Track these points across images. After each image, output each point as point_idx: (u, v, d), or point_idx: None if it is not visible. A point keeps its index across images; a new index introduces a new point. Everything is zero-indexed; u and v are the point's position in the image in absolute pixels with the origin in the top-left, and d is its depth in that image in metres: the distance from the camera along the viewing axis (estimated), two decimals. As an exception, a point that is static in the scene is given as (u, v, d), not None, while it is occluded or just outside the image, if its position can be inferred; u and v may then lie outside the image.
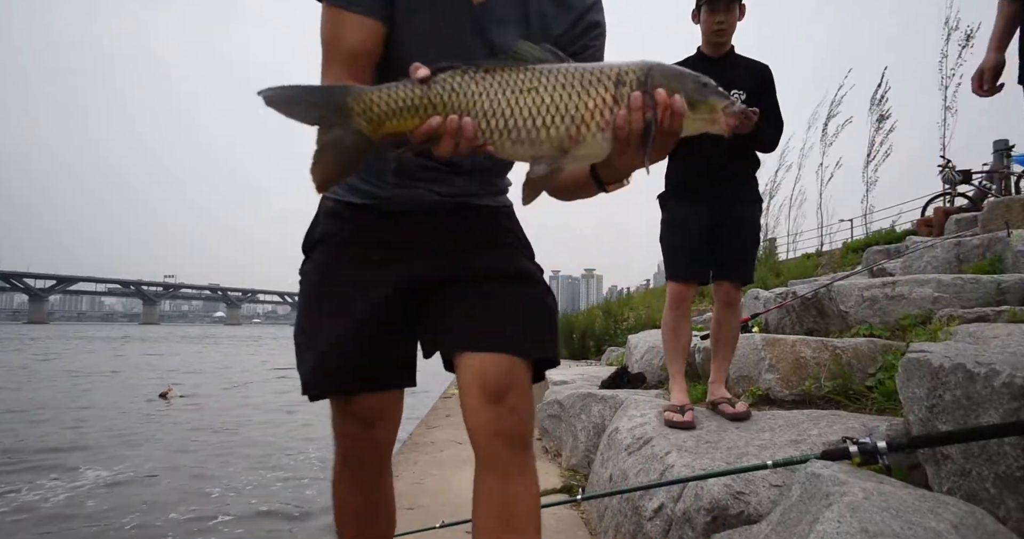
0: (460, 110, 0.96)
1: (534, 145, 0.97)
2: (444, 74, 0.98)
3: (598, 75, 0.98)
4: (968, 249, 5.01)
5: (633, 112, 0.95)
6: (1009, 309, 3.10)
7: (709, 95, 0.99)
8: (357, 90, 0.97)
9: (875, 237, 10.82)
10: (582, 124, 0.97)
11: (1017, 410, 1.51)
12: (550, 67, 0.98)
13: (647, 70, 0.99)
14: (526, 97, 0.96)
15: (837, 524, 1.34)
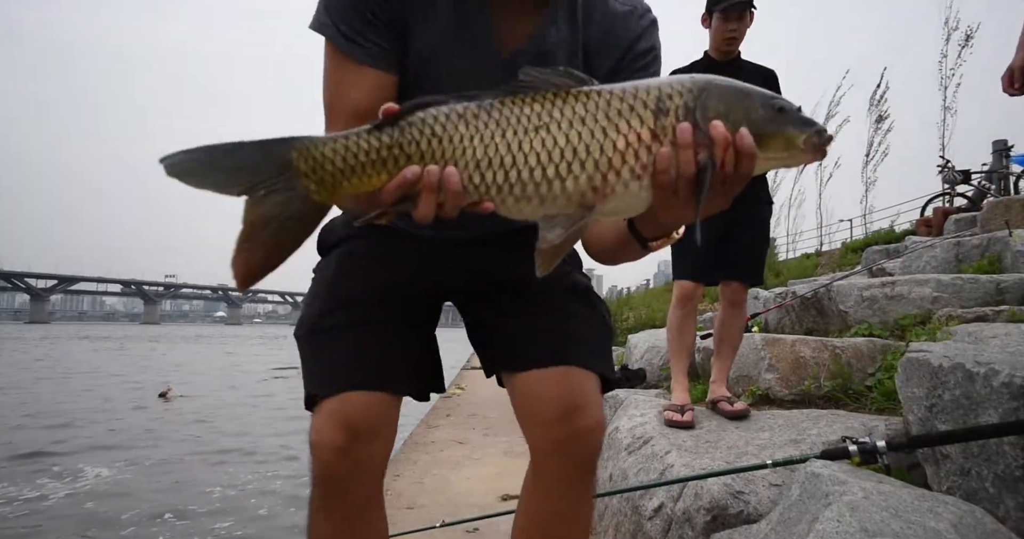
0: (443, 159, 0.76)
1: (545, 201, 0.76)
2: (421, 112, 0.77)
3: (630, 102, 0.76)
4: (967, 249, 5.01)
5: (681, 152, 0.73)
6: (1008, 309, 3.11)
7: (786, 124, 0.76)
8: (304, 142, 0.77)
9: (874, 237, 10.84)
10: (610, 171, 0.75)
11: (1016, 410, 1.52)
12: (565, 95, 0.77)
13: (698, 92, 0.76)
14: (533, 138, 0.75)
15: (837, 524, 1.34)
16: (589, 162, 0.75)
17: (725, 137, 0.73)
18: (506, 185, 0.76)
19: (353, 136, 0.77)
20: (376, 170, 0.77)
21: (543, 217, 0.77)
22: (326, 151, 0.77)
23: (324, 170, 0.77)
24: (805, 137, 0.76)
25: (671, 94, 0.77)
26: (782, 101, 0.78)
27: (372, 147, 0.77)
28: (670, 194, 0.76)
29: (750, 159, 0.74)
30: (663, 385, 4.16)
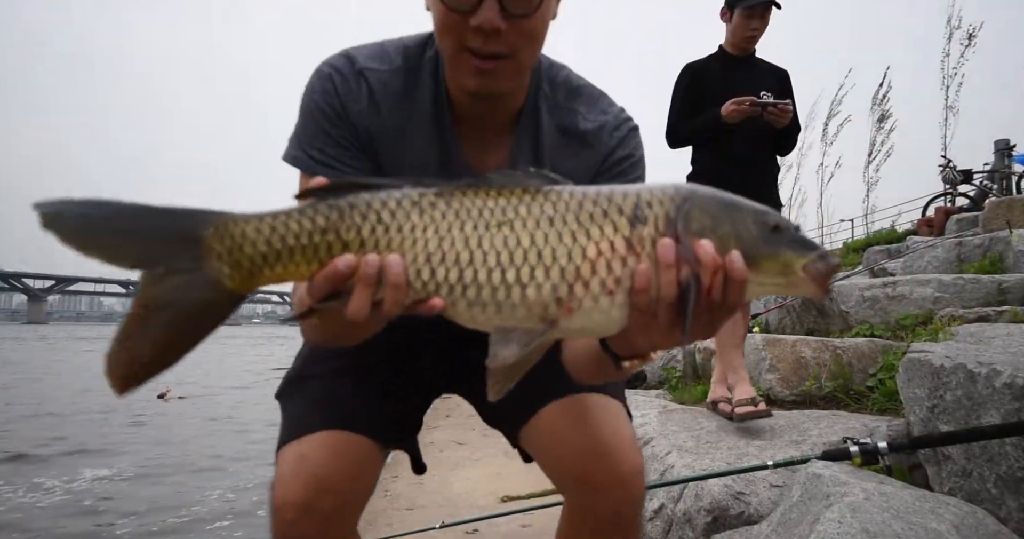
0: (388, 250, 0.66)
1: (503, 310, 0.66)
2: (368, 194, 0.68)
3: (604, 206, 0.68)
4: (969, 249, 5.00)
5: (662, 271, 0.65)
6: (1010, 309, 3.10)
7: (782, 246, 0.67)
8: (223, 217, 0.66)
9: (876, 237, 10.82)
10: (577, 282, 0.66)
11: (1018, 410, 1.51)
12: (534, 192, 0.69)
13: (681, 201, 0.68)
14: (494, 234, 0.67)
15: (838, 524, 1.33)
16: (555, 268, 0.66)
17: (714, 260, 0.65)
18: (459, 285, 0.66)
19: (283, 215, 0.66)
20: (305, 258, 0.66)
21: (498, 329, 0.67)
22: (248, 230, 0.65)
23: (243, 253, 0.65)
24: (805, 263, 0.67)
25: (650, 201, 0.68)
26: (776, 217, 0.69)
27: (304, 230, 0.66)
28: (648, 317, 0.67)
29: (741, 286, 0.66)
30: (663, 385, 4.15)
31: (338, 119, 0.95)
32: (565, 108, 1.04)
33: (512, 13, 0.85)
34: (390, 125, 0.97)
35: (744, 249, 0.67)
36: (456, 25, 0.86)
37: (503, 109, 1.00)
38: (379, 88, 0.97)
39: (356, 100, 0.96)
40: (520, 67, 0.92)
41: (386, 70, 0.98)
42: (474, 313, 0.67)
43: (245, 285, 0.67)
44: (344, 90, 0.96)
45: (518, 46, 0.88)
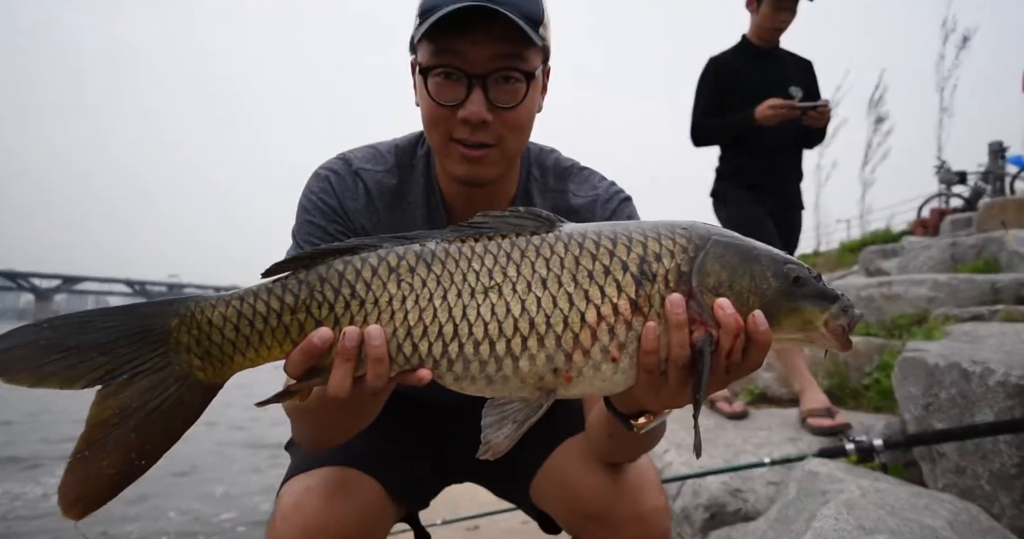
0: (363, 323, 0.61)
1: (494, 383, 0.61)
2: (340, 263, 0.63)
3: (605, 261, 0.61)
4: (963, 249, 5.04)
5: (673, 332, 0.60)
6: (1004, 308, 3.12)
7: (804, 299, 0.62)
8: (187, 304, 0.63)
9: (871, 237, 10.86)
10: (576, 350, 0.60)
11: (1011, 408, 1.53)
12: (524, 246, 0.62)
13: (695, 250, 0.62)
14: (480, 302, 0.60)
15: (834, 521, 1.35)
16: (550, 337, 0.60)
17: (736, 322, 0.59)
18: (444, 360, 0.61)
19: (250, 296, 0.62)
20: (277, 339, 0.62)
21: (491, 405, 0.62)
22: (214, 317, 0.61)
23: (212, 341, 0.61)
24: (827, 317, 0.62)
25: (659, 253, 0.61)
26: (797, 268, 0.63)
27: (272, 311, 0.62)
28: (657, 378, 0.62)
29: (764, 348, 0.60)
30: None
31: (335, 214, 0.98)
32: (556, 190, 1.06)
33: (497, 106, 0.89)
34: (386, 223, 1.00)
35: (764, 305, 0.61)
36: (445, 118, 0.90)
37: (496, 198, 1.02)
38: (375, 187, 1.00)
39: (354, 198, 0.99)
40: (507, 155, 0.94)
41: (381, 170, 1.02)
42: (463, 385, 0.62)
43: (218, 375, 0.63)
44: (341, 188, 0.99)
45: (504, 136, 0.91)
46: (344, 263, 0.63)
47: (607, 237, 0.63)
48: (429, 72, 0.89)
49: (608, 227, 0.66)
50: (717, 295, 0.61)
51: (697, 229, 0.65)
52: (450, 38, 0.87)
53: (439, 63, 0.88)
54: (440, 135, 0.92)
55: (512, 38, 0.87)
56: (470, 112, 0.87)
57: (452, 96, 0.88)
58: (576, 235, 0.64)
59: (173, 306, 0.63)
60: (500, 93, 0.89)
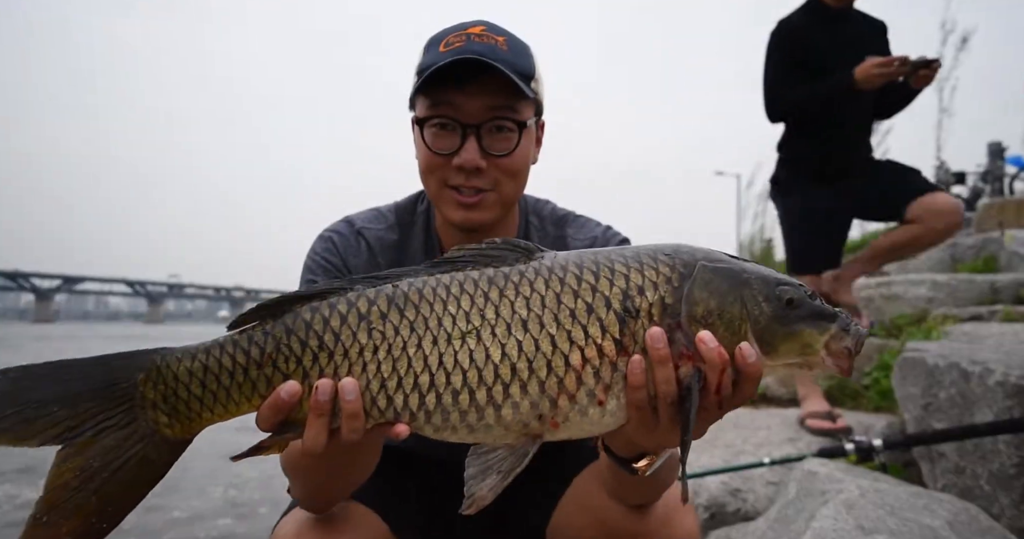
0: (333, 375, 0.58)
1: (476, 432, 0.58)
2: (308, 311, 0.60)
3: (588, 299, 0.58)
4: (962, 249, 5.04)
5: (657, 368, 0.57)
6: (1003, 308, 3.13)
7: (800, 322, 0.58)
8: (153, 359, 0.60)
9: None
10: (561, 395, 0.57)
11: (1011, 408, 1.53)
12: (503, 283, 0.59)
13: (679, 280, 0.59)
14: (457, 348, 0.57)
15: (833, 521, 1.35)
16: (533, 383, 0.57)
17: (719, 356, 0.56)
18: (421, 412, 0.57)
19: (215, 349, 0.60)
20: (245, 394, 0.59)
21: (474, 453, 0.58)
22: (180, 372, 0.59)
23: (178, 397, 0.59)
24: (827, 338, 0.58)
25: (641, 286, 0.58)
26: (790, 289, 0.59)
27: (238, 365, 0.59)
28: (648, 415, 0.59)
29: (755, 382, 0.58)
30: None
31: (337, 272, 1.01)
32: (555, 236, 1.09)
33: (491, 153, 0.93)
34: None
35: (757, 332, 0.57)
36: (440, 166, 0.94)
37: None
38: (376, 243, 1.04)
39: (356, 254, 1.03)
40: (502, 200, 0.97)
41: (382, 228, 1.06)
42: (443, 435, 0.59)
43: (186, 431, 0.61)
44: (344, 246, 1.03)
45: (499, 181, 0.95)
46: (311, 311, 0.60)
47: (589, 270, 0.60)
48: (425, 123, 0.94)
49: (590, 257, 0.62)
50: (706, 325, 0.57)
51: (681, 255, 0.61)
52: (445, 91, 0.92)
53: (435, 114, 0.93)
54: (436, 182, 0.96)
55: (505, 91, 0.92)
56: (464, 160, 0.91)
57: (447, 145, 0.93)
58: (557, 268, 0.60)
59: (139, 359, 0.60)
60: (494, 141, 0.93)
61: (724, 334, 0.57)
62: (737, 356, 0.57)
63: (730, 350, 0.57)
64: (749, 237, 12.40)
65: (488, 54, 0.90)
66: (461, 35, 0.93)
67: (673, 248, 0.62)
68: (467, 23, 0.96)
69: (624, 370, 0.57)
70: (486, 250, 0.62)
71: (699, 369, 0.57)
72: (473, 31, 0.94)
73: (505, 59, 0.91)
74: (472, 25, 0.96)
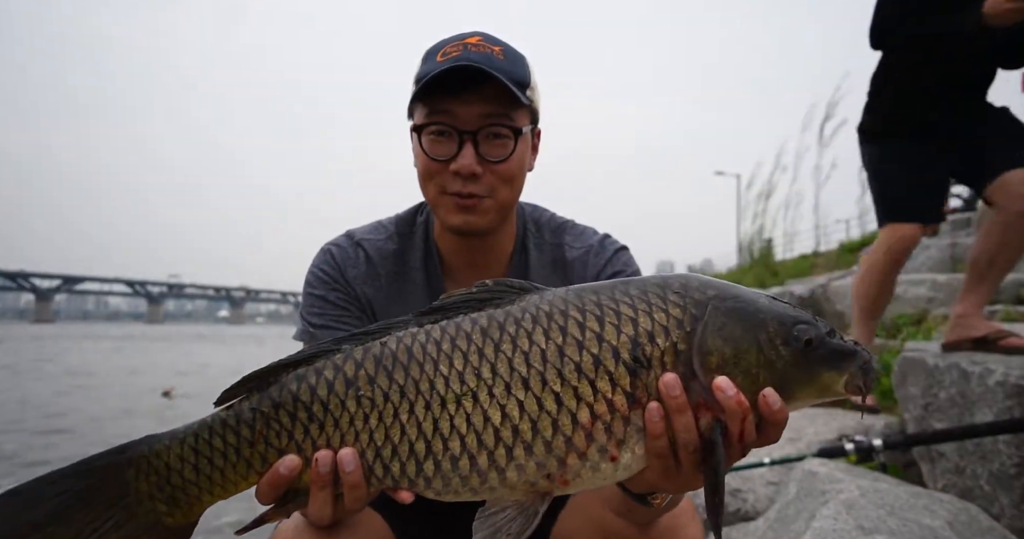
0: (326, 446, 0.57)
1: (480, 494, 0.57)
2: (294, 382, 0.58)
3: (594, 350, 0.54)
4: (962, 249, 5.04)
5: (674, 418, 0.54)
6: (1003, 309, 3.13)
7: (819, 366, 0.56)
8: (141, 450, 0.59)
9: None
10: (570, 453, 0.54)
11: (1011, 408, 1.53)
12: (497, 337, 0.55)
13: (691, 323, 0.55)
14: (453, 412, 0.54)
15: (833, 521, 1.36)
16: (539, 444, 0.53)
17: (739, 405, 0.53)
18: (421, 479, 0.55)
19: (204, 431, 0.59)
20: (240, 473, 0.58)
21: (481, 516, 0.56)
22: (171, 460, 0.58)
23: (173, 486, 0.58)
24: (845, 380, 0.56)
25: (652, 332, 0.54)
26: (808, 328, 0.56)
27: (229, 445, 0.58)
28: (670, 463, 0.56)
29: (781, 426, 0.55)
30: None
31: (336, 284, 1.02)
32: (552, 243, 1.10)
33: (487, 160, 0.94)
34: (386, 287, 1.04)
35: (775, 380, 0.54)
36: (438, 171, 0.95)
37: (494, 253, 1.07)
38: (375, 254, 1.06)
39: (354, 265, 1.04)
40: (499, 205, 0.98)
41: (382, 238, 1.08)
42: (446, 498, 0.57)
43: (188, 515, 0.60)
44: (342, 257, 1.04)
45: (495, 186, 0.96)
46: (298, 381, 0.58)
47: (592, 315, 0.55)
48: (423, 130, 0.96)
49: (591, 298, 0.57)
50: (720, 374, 0.54)
51: (691, 292, 0.57)
52: (442, 99, 0.94)
53: (432, 121, 0.95)
54: (434, 188, 0.97)
55: (501, 98, 0.94)
56: (461, 165, 0.93)
57: (445, 151, 0.95)
58: (556, 315, 0.56)
59: (126, 454, 0.59)
60: (490, 148, 0.95)
61: (742, 382, 0.54)
62: (762, 404, 0.55)
63: (748, 395, 0.54)
64: (749, 237, 12.38)
65: (484, 62, 0.92)
66: (458, 45, 0.95)
67: (681, 284, 0.58)
68: (464, 34, 0.98)
69: (638, 423, 0.55)
70: (477, 294, 0.59)
71: (719, 419, 0.54)
72: (470, 41, 0.96)
73: (501, 67, 0.93)
74: (469, 36, 0.98)
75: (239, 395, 0.61)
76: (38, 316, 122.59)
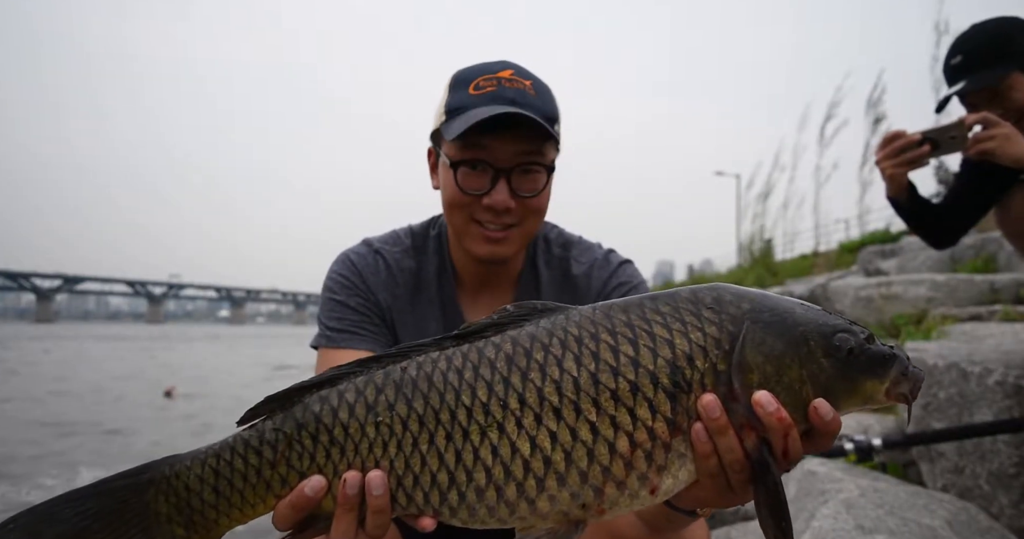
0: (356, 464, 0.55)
1: (509, 523, 0.55)
2: (317, 403, 0.57)
3: (630, 376, 0.52)
4: (962, 249, 5.04)
5: (718, 439, 0.53)
6: (1002, 308, 3.13)
7: (861, 373, 0.54)
8: (162, 471, 0.58)
9: (871, 237, 10.88)
10: (608, 483, 0.52)
11: (1010, 408, 1.54)
12: (524, 365, 0.53)
13: (730, 343, 0.53)
14: (478, 443, 0.52)
15: (833, 521, 1.36)
16: (573, 475, 0.51)
17: (780, 421, 0.51)
18: (445, 508, 0.53)
19: (226, 452, 0.57)
20: (259, 495, 0.56)
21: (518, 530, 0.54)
22: (191, 481, 0.57)
23: (192, 508, 0.57)
24: (888, 386, 0.54)
25: (690, 354, 0.52)
26: (847, 336, 0.54)
27: (251, 466, 0.56)
28: (721, 482, 0.55)
29: (833, 435, 0.54)
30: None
31: (356, 289, 1.04)
32: (560, 258, 1.13)
33: (519, 195, 0.97)
34: (403, 299, 1.07)
35: (819, 392, 0.53)
36: (469, 203, 0.98)
37: (505, 271, 1.10)
38: (394, 265, 1.08)
39: (375, 272, 1.06)
40: (525, 235, 1.02)
41: (399, 250, 1.10)
42: (475, 526, 0.55)
43: (209, 536, 0.58)
44: (362, 265, 1.06)
45: (524, 218, 1.00)
46: (320, 402, 0.56)
47: (624, 338, 0.53)
48: (459, 165, 0.97)
49: (621, 318, 0.55)
50: (761, 390, 0.53)
51: (726, 307, 0.54)
52: (479, 136, 0.95)
53: (469, 157, 0.97)
54: (462, 217, 1.00)
55: (534, 137, 0.96)
56: (496, 201, 0.96)
57: (479, 186, 0.97)
58: (587, 339, 0.53)
59: (147, 474, 0.58)
60: (522, 183, 0.98)
61: (784, 397, 0.52)
62: (813, 416, 0.53)
63: (791, 410, 0.53)
64: (749, 237, 12.40)
65: (519, 100, 0.94)
66: (492, 79, 0.97)
67: (714, 298, 0.56)
68: (494, 65, 1.00)
69: (679, 449, 0.53)
70: (498, 321, 0.57)
71: (766, 440, 0.52)
72: (503, 75, 0.97)
73: (534, 104, 0.96)
74: (501, 68, 0.99)
75: (261, 415, 0.60)
76: (39, 316, 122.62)
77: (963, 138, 1.53)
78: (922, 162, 1.58)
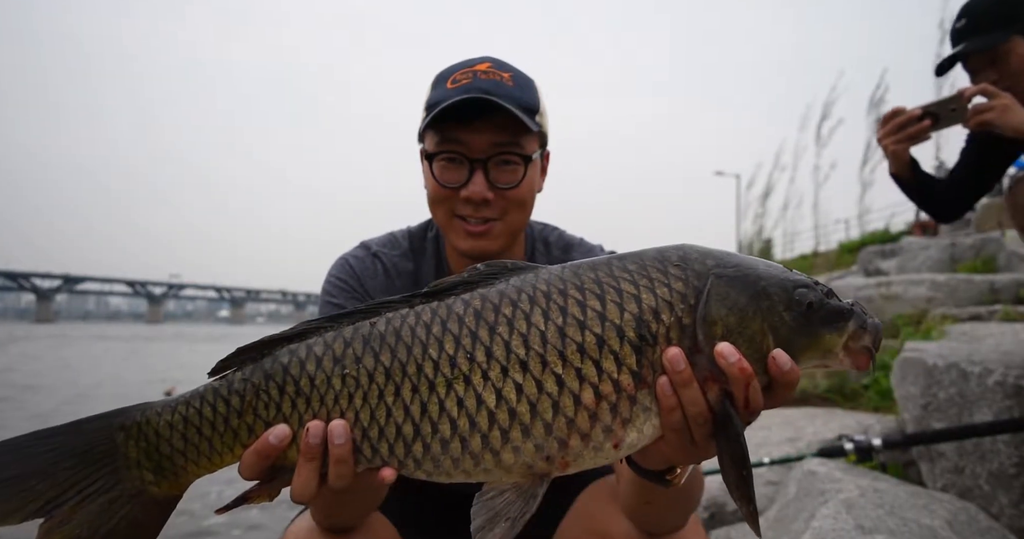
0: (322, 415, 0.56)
1: (474, 476, 0.55)
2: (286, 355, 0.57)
3: (597, 330, 0.52)
4: (962, 249, 5.05)
5: (681, 392, 0.54)
6: (1002, 308, 3.13)
7: (819, 327, 0.56)
8: (131, 416, 0.58)
9: (870, 237, 10.88)
10: (572, 435, 0.53)
11: (1010, 408, 1.54)
12: (492, 319, 0.53)
13: (695, 297, 0.54)
14: (444, 395, 0.53)
15: (833, 521, 1.36)
16: (538, 427, 0.51)
17: (741, 371, 0.53)
18: (410, 460, 0.54)
19: (195, 400, 0.58)
20: (227, 444, 0.57)
21: (479, 500, 0.54)
22: (160, 426, 0.57)
23: (161, 454, 0.57)
24: (846, 339, 0.56)
25: (656, 308, 0.53)
26: (807, 291, 0.56)
27: (219, 415, 0.57)
28: (685, 436, 0.57)
29: (792, 386, 0.56)
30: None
31: (355, 292, 1.04)
32: (561, 261, 1.09)
33: (497, 186, 0.97)
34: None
35: (780, 344, 0.55)
36: (448, 197, 0.98)
37: None
38: (392, 268, 1.08)
39: (373, 275, 1.07)
40: (509, 228, 1.01)
41: (397, 254, 1.10)
42: (439, 479, 0.56)
43: (174, 487, 0.59)
44: (361, 268, 1.07)
45: (507, 210, 0.99)
46: (289, 355, 0.57)
47: (592, 293, 0.54)
48: (434, 157, 0.97)
49: (589, 274, 0.56)
50: (723, 342, 0.54)
51: (692, 264, 0.56)
52: (453, 128, 0.95)
53: (444, 149, 0.96)
54: (444, 212, 1.00)
55: (510, 127, 0.96)
56: (472, 192, 0.95)
57: (456, 178, 0.97)
58: (555, 294, 0.54)
59: (118, 418, 0.58)
60: (500, 174, 0.97)
61: (746, 349, 0.54)
62: (772, 366, 0.55)
63: (753, 362, 0.54)
64: (749, 237, 12.41)
65: (494, 90, 0.93)
66: (468, 72, 0.97)
67: (679, 256, 0.57)
68: (474, 60, 1.00)
69: (644, 402, 0.54)
70: (468, 279, 0.58)
71: (728, 392, 0.54)
72: (479, 68, 0.97)
73: (510, 94, 0.95)
74: (478, 62, 0.99)
75: (233, 366, 0.61)
76: (39, 316, 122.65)
77: (963, 110, 1.52)
78: (923, 137, 1.59)
